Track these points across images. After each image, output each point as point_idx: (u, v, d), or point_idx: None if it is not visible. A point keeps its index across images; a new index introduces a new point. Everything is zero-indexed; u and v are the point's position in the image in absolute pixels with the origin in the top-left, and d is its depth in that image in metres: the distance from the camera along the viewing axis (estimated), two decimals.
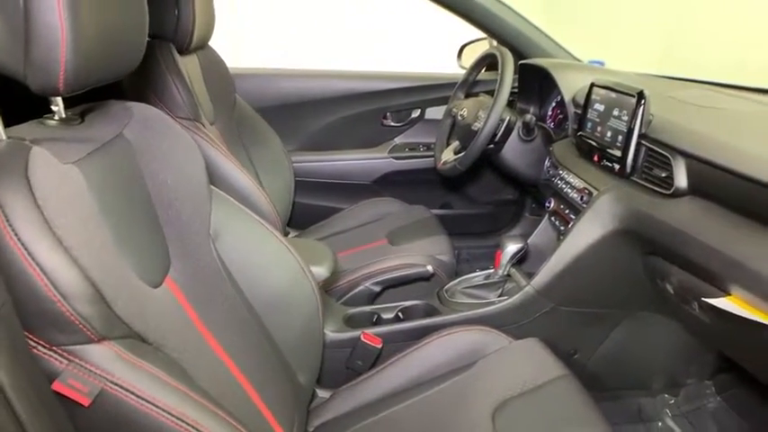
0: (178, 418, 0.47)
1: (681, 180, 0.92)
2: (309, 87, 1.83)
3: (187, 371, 0.59)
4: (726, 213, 0.84)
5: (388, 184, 1.93)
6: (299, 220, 1.75)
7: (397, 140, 1.94)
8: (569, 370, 0.97)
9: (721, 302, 0.81)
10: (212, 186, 0.83)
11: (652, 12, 2.83)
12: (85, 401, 0.42)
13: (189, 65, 1.27)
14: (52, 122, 0.61)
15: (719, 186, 0.85)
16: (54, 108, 0.61)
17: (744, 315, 0.78)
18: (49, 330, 0.42)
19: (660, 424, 1.30)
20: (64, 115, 0.62)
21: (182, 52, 1.23)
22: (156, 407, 0.46)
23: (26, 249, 0.40)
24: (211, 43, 1.45)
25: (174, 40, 1.19)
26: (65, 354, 0.43)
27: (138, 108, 0.72)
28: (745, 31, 1.97)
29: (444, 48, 1.96)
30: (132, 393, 0.45)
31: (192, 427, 0.48)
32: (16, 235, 0.40)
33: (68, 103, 0.62)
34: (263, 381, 0.80)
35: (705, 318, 0.90)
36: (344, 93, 1.84)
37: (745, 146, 0.84)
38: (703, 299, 0.84)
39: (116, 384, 0.44)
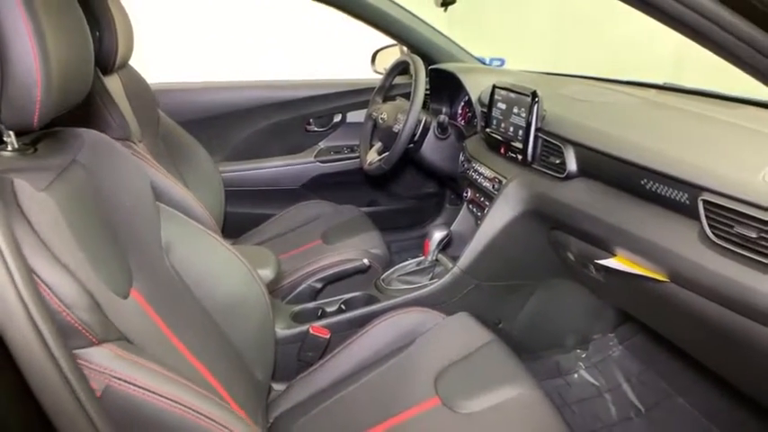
0: (177, 403, 0.53)
1: (571, 165, 1.10)
2: (231, 99, 1.86)
3: None
4: (608, 190, 1.02)
5: (317, 187, 2.00)
6: (231, 229, 1.78)
7: (322, 145, 2.02)
8: (496, 336, 1.12)
9: (610, 262, 0.99)
10: (158, 203, 0.88)
11: (545, 17, 3.13)
12: (96, 396, 0.48)
13: (112, 85, 1.28)
14: (7, 153, 0.64)
15: (602, 168, 1.03)
16: (6, 140, 0.64)
17: (627, 270, 0.95)
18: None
19: (576, 375, 1.49)
20: (17, 146, 0.65)
21: (105, 73, 1.24)
22: (157, 394, 0.52)
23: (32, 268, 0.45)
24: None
25: (97, 62, 1.19)
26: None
27: (87, 134, 0.76)
28: (622, 32, 2.25)
29: (360, 54, 2.06)
30: (134, 385, 0.51)
31: (191, 409, 0.54)
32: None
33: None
34: (229, 379, 0.86)
35: (600, 277, 1.08)
36: (267, 102, 1.89)
37: (619, 133, 1.02)
38: (596, 261, 1.01)
39: (119, 379, 0.50)
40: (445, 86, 1.77)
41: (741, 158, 0.83)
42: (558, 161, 1.13)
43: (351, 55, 2.19)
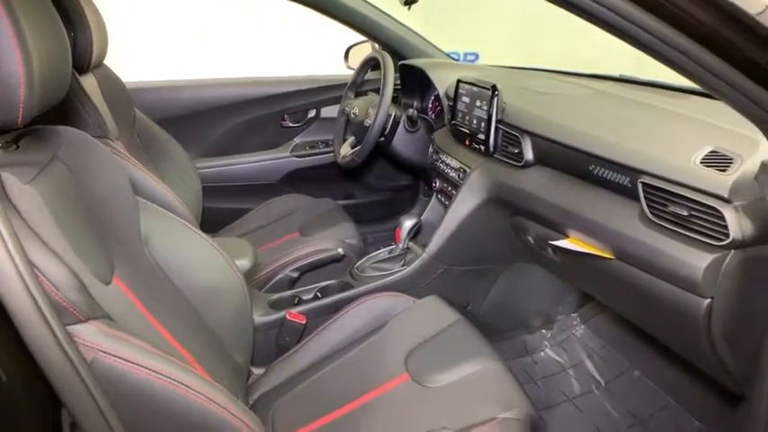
0: (159, 374, 0.58)
1: (528, 154, 1.17)
2: (206, 96, 1.90)
3: None
4: (561, 176, 1.10)
5: (293, 181, 2.05)
6: (210, 224, 1.81)
7: (297, 140, 2.07)
8: (462, 316, 1.19)
9: (563, 243, 1.06)
10: (137, 197, 0.93)
11: (518, 11, 3.21)
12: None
13: (88, 84, 1.31)
14: None
15: (555, 156, 1.11)
16: None
17: (579, 250, 1.03)
18: None
19: (542, 354, 1.58)
20: (0, 144, 0.69)
21: (81, 72, 1.27)
22: (139, 366, 0.57)
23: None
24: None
25: (72, 62, 1.22)
26: None
27: (66, 131, 0.80)
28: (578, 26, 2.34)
29: (334, 50, 2.11)
30: (119, 358, 0.56)
31: (172, 379, 0.59)
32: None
33: None
34: (210, 361, 0.91)
35: (557, 258, 1.16)
36: (242, 98, 1.93)
37: (570, 123, 1.10)
38: (551, 242, 1.09)
39: (105, 352, 0.55)
40: (416, 82, 1.83)
41: (676, 144, 0.91)
42: (516, 151, 1.20)
43: (325, 52, 2.24)
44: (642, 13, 0.59)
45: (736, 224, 0.76)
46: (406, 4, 1.11)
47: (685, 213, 0.82)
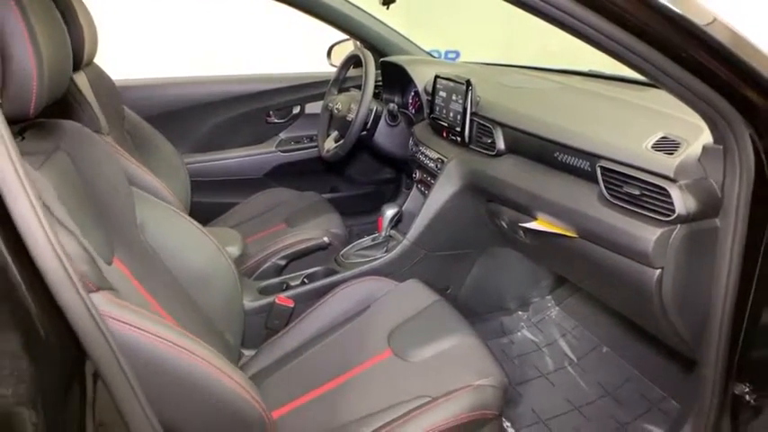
0: (163, 339, 0.64)
1: (500, 144, 1.25)
2: (194, 93, 1.95)
3: None
4: (529, 163, 1.18)
5: (279, 175, 2.11)
6: (198, 217, 1.84)
7: (282, 135, 2.13)
8: (441, 297, 1.26)
9: (533, 225, 1.15)
10: (132, 187, 0.99)
11: (494, 11, 3.30)
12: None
13: (80, 81, 1.36)
14: None
15: (523, 145, 1.19)
16: None
17: (546, 230, 1.12)
18: None
19: (519, 334, 1.67)
20: None
21: (74, 70, 1.32)
22: (145, 331, 0.63)
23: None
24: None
25: None
26: None
27: (68, 124, 0.86)
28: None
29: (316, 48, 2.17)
30: (127, 324, 0.62)
31: (175, 344, 0.65)
32: None
33: None
34: (206, 341, 0.97)
35: (528, 240, 1.24)
36: (228, 95, 1.99)
37: (538, 115, 1.18)
38: (522, 225, 1.17)
39: (114, 319, 0.61)
40: (396, 78, 1.91)
41: (631, 131, 1.00)
42: (489, 141, 1.28)
43: (309, 50, 2.30)
44: (593, 14, 0.67)
45: (681, 201, 0.85)
46: (384, 3, 1.18)
47: (637, 193, 0.91)
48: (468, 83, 1.33)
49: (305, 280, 1.44)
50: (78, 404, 0.50)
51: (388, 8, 1.29)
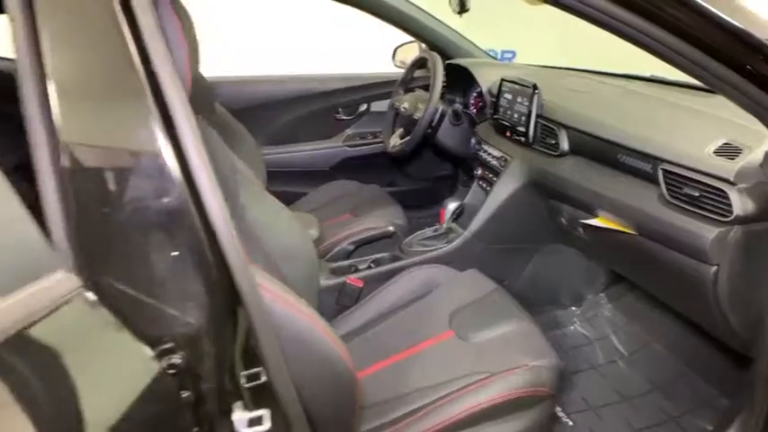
0: (284, 298, 0.75)
1: (564, 145, 1.33)
2: (273, 90, 2.10)
3: None
4: (592, 164, 1.26)
5: (344, 168, 2.25)
6: None
7: (349, 131, 2.26)
8: (500, 286, 1.35)
9: (593, 222, 1.22)
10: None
11: (551, 13, 3.32)
12: None
13: None
14: None
15: (587, 146, 1.26)
16: None
17: (606, 227, 1.19)
18: None
19: (571, 328, 1.73)
20: None
21: None
22: (270, 290, 0.75)
23: None
24: None
25: None
26: None
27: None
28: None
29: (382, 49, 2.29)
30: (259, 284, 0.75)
31: (296, 306, 0.77)
32: None
33: None
34: None
35: (586, 236, 1.31)
36: (303, 93, 2.14)
37: (602, 118, 1.25)
38: (583, 221, 1.25)
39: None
40: (459, 79, 2.00)
41: (694, 136, 1.06)
42: (553, 142, 1.36)
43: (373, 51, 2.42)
44: (656, 27, 0.75)
45: (739, 203, 0.91)
46: (459, 12, 1.27)
47: (697, 194, 0.97)
48: (535, 87, 1.41)
49: (371, 264, 1.56)
50: (232, 340, 0.63)
51: (461, 16, 1.39)
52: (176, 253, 0.56)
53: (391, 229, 1.66)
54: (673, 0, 0.70)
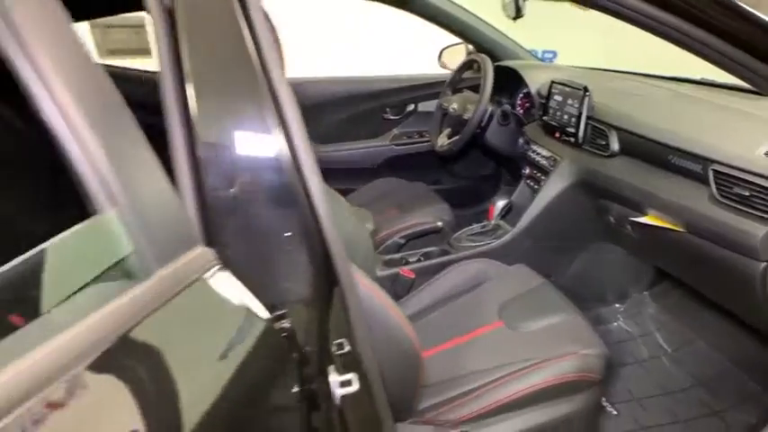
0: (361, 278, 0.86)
1: (614, 146, 1.38)
2: (326, 91, 2.21)
3: None
4: (642, 164, 1.30)
5: (390, 166, 2.33)
6: None
7: (396, 131, 2.35)
8: (548, 280, 1.41)
9: (643, 219, 1.27)
10: None
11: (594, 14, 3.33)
12: None
13: None
14: None
15: (638, 148, 1.31)
16: None
17: (655, 224, 1.24)
18: None
19: (616, 324, 1.77)
20: None
21: None
22: None
23: None
24: None
25: None
26: None
27: None
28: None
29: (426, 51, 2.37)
30: None
31: (368, 285, 0.87)
32: None
33: None
34: None
35: (635, 234, 1.36)
36: (353, 93, 2.23)
37: (651, 120, 1.30)
38: (631, 219, 1.30)
39: None
40: (506, 80, 2.05)
41: (744, 138, 1.09)
42: (603, 143, 1.41)
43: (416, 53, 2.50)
44: (703, 32, 0.80)
45: None
46: (514, 18, 1.34)
47: (747, 194, 1.02)
48: (586, 89, 1.46)
49: (421, 258, 1.64)
50: (327, 313, 0.72)
51: (515, 21, 1.46)
52: (289, 234, 0.65)
53: (440, 224, 1.74)
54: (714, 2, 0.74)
